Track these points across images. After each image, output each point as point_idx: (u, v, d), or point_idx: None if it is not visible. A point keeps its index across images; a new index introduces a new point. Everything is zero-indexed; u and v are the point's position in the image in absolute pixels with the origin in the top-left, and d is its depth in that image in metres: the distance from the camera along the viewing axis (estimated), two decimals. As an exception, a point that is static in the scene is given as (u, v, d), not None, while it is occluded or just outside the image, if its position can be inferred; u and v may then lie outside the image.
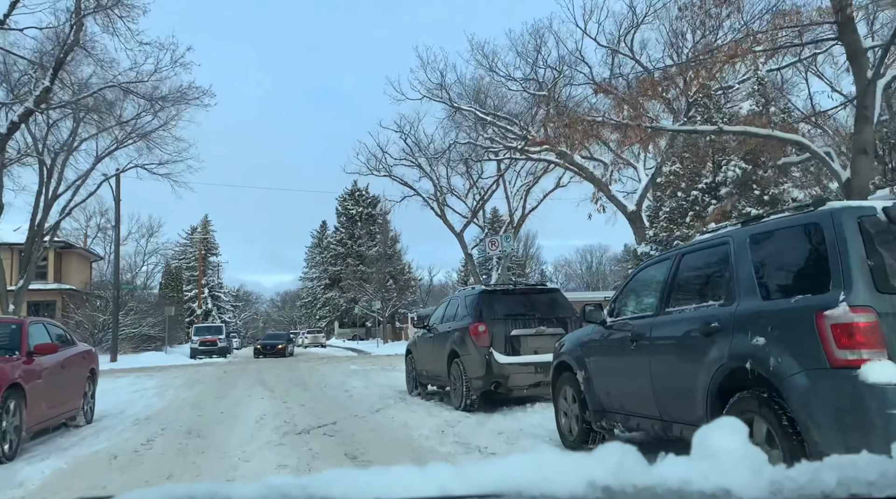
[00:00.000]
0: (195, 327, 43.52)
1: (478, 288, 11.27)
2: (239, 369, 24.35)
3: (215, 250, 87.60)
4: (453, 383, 10.72)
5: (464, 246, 37.19)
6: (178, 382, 19.22)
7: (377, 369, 21.56)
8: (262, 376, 20.42)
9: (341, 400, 12.82)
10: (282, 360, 29.02)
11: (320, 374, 20.44)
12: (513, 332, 9.99)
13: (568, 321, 10.21)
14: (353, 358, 30.21)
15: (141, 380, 20.08)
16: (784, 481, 0.83)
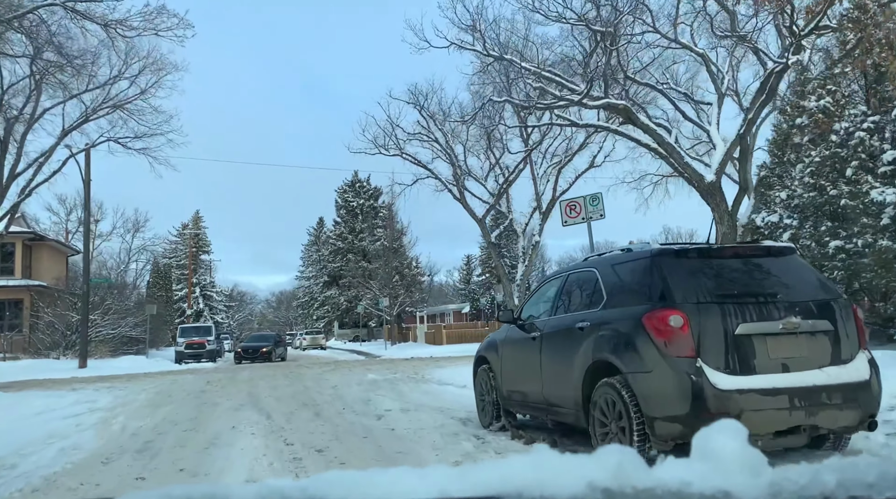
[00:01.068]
0: (180, 328, 38.47)
1: (647, 247, 6.21)
2: (227, 379, 19.41)
3: (207, 248, 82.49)
4: (600, 422, 5.81)
5: (486, 233, 32.27)
6: (141, 398, 14.29)
7: (403, 378, 16.67)
8: (254, 390, 15.49)
9: (381, 438, 7.94)
10: (279, 366, 24.00)
11: (330, 386, 15.53)
12: (739, 328, 5.10)
13: (835, 309, 5.31)
14: (364, 363, 25.27)
15: (97, 395, 15.16)
16: (783, 483, 0.82)
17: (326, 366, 23.20)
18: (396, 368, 20.51)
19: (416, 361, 24.42)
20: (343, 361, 26.74)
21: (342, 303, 58.69)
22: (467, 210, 31.73)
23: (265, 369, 22.41)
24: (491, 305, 45.82)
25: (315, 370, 21.23)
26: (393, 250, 43.42)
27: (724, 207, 19.88)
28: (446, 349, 33.07)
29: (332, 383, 16.17)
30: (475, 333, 37.51)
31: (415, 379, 16.53)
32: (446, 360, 24.09)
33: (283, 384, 16.57)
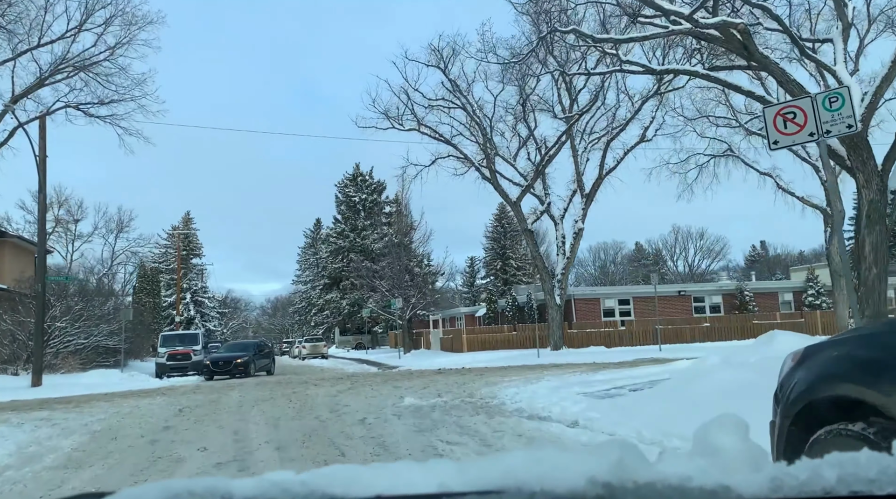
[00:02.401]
0: (161, 336, 33.00)
1: None
2: (208, 404, 14.15)
3: (198, 251, 77.02)
4: None
5: (521, 218, 27.14)
6: (67, 445, 9.06)
7: (458, 404, 11.43)
8: (243, 427, 10.26)
9: None
10: (278, 385, 18.63)
11: (357, 419, 10.33)
12: None
13: None
14: (383, 377, 19.99)
15: (11, 434, 9.97)
16: (784, 478, 0.81)
17: (339, 382, 17.93)
18: (433, 386, 15.28)
19: (449, 373, 19.22)
20: (356, 376, 21.48)
21: (344, 307, 53.33)
22: (499, 192, 26.60)
23: (260, 389, 17.10)
24: (512, 307, 40.58)
25: (325, 389, 15.96)
26: (403, 246, 38.14)
27: (871, 167, 14.83)
28: (471, 358, 27.85)
29: (357, 414, 10.94)
30: (502, 339, 32.29)
31: (477, 405, 11.31)
32: (488, 372, 18.88)
33: (286, 415, 11.33)
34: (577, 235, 26.81)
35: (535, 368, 19.45)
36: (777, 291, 36.85)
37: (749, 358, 10.59)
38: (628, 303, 35.61)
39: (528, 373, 17.76)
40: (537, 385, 13.78)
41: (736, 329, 30.79)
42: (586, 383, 13.23)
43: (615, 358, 23.28)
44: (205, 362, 25.82)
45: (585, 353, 26.12)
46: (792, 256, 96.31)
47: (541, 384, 13.89)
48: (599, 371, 16.69)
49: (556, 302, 26.33)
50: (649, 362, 19.49)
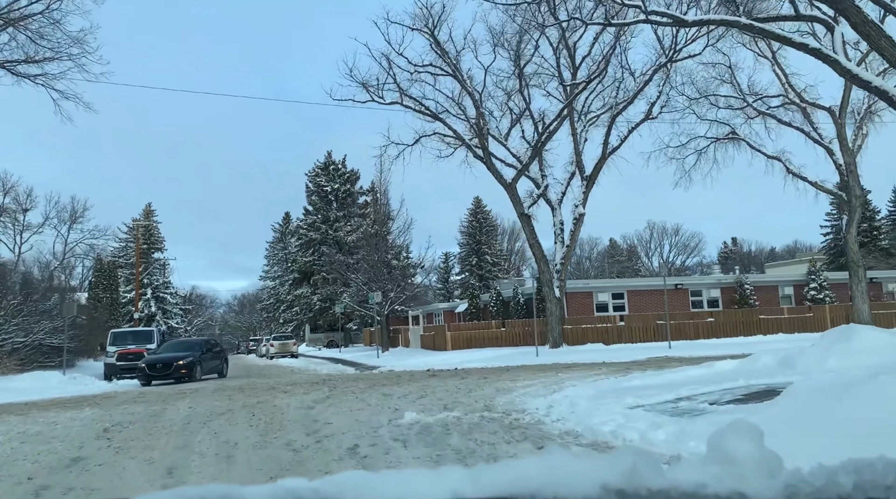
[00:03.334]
0: (111, 333, 29.41)
1: None
2: (147, 418, 10.96)
3: (160, 245, 72.73)
4: None
5: (517, 203, 24.18)
6: None
7: (479, 422, 8.42)
8: (183, 461, 7.14)
9: None
10: (238, 393, 15.28)
11: (346, 446, 7.31)
12: None
13: None
14: (364, 380, 16.82)
15: None
16: (800, 485, 0.80)
17: (314, 388, 14.76)
18: (432, 393, 12.24)
19: (443, 376, 16.19)
20: (333, 378, 18.31)
21: (315, 303, 49.91)
22: (492, 172, 23.63)
23: (217, 398, 13.84)
24: (497, 302, 37.70)
25: (298, 398, 12.81)
26: (380, 237, 34.95)
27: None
28: (459, 357, 24.88)
29: (344, 438, 7.89)
30: (490, 336, 29.36)
31: (505, 424, 8.34)
32: (490, 374, 15.92)
33: (247, 440, 8.23)
34: (578, 221, 23.97)
35: (543, 370, 16.55)
36: (777, 284, 34.56)
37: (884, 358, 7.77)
38: (622, 297, 32.96)
39: (538, 375, 14.84)
40: (566, 393, 10.87)
41: (740, 324, 28.31)
42: (631, 392, 10.34)
43: (623, 356, 20.54)
44: (140, 365, 21.63)
45: (586, 351, 23.34)
46: (765, 252, 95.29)
47: (570, 392, 10.98)
48: (627, 374, 13.84)
49: (554, 295, 23.48)
50: (675, 362, 16.74)
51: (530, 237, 23.77)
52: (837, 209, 62.47)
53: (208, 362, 23.03)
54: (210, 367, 23.21)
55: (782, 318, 28.77)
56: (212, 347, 24.56)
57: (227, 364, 25.14)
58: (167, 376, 20.79)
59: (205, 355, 22.74)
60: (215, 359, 24.00)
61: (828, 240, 66.91)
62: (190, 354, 21.71)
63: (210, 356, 23.45)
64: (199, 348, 22.99)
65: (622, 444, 6.62)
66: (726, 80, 28.95)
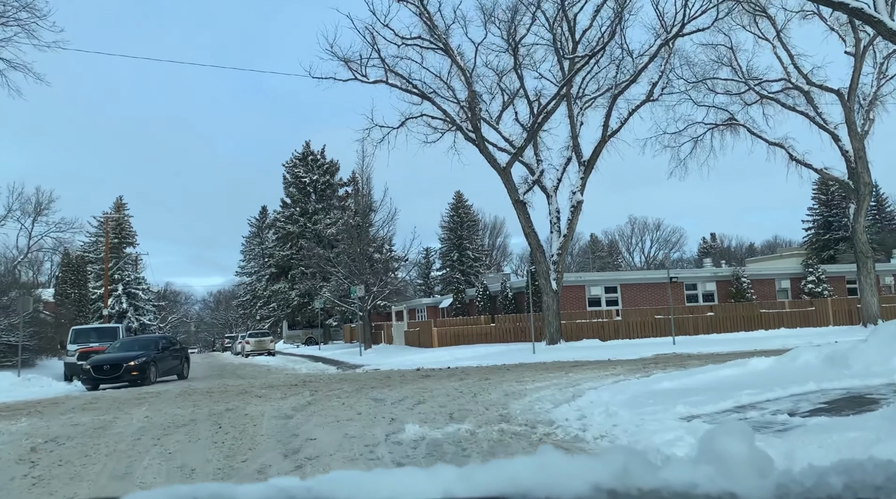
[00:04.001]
0: (73, 330, 27.17)
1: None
2: (90, 432, 9.09)
3: (132, 239, 69.96)
4: None
5: (511, 189, 22.42)
6: None
7: (507, 437, 6.65)
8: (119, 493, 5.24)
9: None
10: (202, 398, 13.31)
11: (334, 469, 5.47)
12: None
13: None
14: (350, 381, 14.95)
15: None
16: (790, 485, 0.80)
17: (292, 392, 12.89)
18: (431, 398, 10.46)
19: (438, 376, 14.41)
20: (313, 379, 16.43)
21: (293, 298, 47.82)
22: (485, 155, 21.89)
23: (180, 404, 11.89)
24: (483, 297, 35.99)
25: (274, 404, 10.96)
26: (362, 229, 32.99)
27: None
28: (449, 354, 23.15)
29: (333, 462, 6.11)
30: (479, 333, 27.65)
31: (533, 440, 6.59)
32: (489, 374, 14.17)
33: (208, 463, 6.39)
34: (576, 209, 22.29)
35: (548, 369, 14.84)
36: (774, 277, 33.27)
37: None
38: (615, 290, 31.45)
39: (546, 375, 13.13)
40: (591, 398, 9.16)
41: (741, 319, 26.91)
42: (670, 397, 8.65)
43: (627, 353, 18.95)
44: (84, 366, 18.91)
45: (584, 347, 21.73)
46: (744, 247, 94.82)
47: (595, 397, 9.26)
48: (650, 374, 12.17)
49: (551, 288, 21.78)
50: (694, 360, 15.14)
51: (525, 226, 22.02)
52: (842, 198, 61.73)
53: (165, 363, 20.49)
54: (167, 368, 20.65)
55: (783, 312, 27.42)
56: (169, 346, 21.83)
57: (187, 364, 22.58)
58: (116, 379, 18.28)
59: (160, 355, 20.22)
60: (173, 358, 21.41)
61: (809, 235, 66.14)
62: (143, 354, 19.09)
63: (167, 356, 20.89)
64: (153, 347, 20.34)
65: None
66: (726, 62, 27.51)
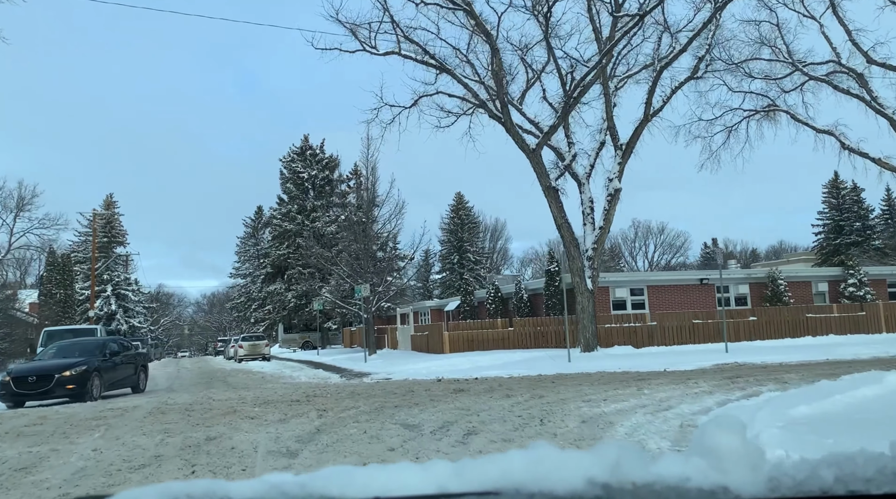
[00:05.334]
0: (45, 332, 24.00)
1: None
2: (9, 474, 6.14)
3: (122, 238, 66.79)
4: None
5: (542, 174, 19.54)
6: None
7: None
8: None
9: None
10: (188, 411, 10.49)
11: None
12: None
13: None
14: (371, 399, 12.04)
15: None
16: (782, 478, 0.80)
17: (293, 410, 9.98)
18: (483, 426, 7.60)
19: (470, 390, 11.54)
20: (317, 393, 13.51)
21: (289, 300, 44.82)
22: (512, 135, 19.07)
23: (145, 430, 8.92)
24: (494, 299, 33.14)
25: (271, 432, 8.07)
26: (365, 224, 30.05)
27: None
28: (468, 362, 20.32)
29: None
30: (495, 337, 24.78)
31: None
32: (536, 387, 11.29)
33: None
34: (614, 198, 19.44)
35: (608, 382, 11.97)
36: (810, 279, 30.53)
37: None
38: (642, 293, 28.66)
39: (616, 393, 10.27)
40: (718, 433, 6.30)
41: (785, 324, 24.13)
42: (833, 427, 5.84)
43: (678, 363, 16.15)
44: (3, 379, 14.45)
45: (624, 356, 18.91)
46: (748, 252, 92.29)
47: (720, 430, 6.41)
48: (760, 393, 9.33)
49: (587, 287, 18.94)
50: (792, 373, 12.30)
51: (558, 216, 19.13)
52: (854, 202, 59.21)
53: (114, 372, 16.05)
54: (117, 379, 16.23)
55: (831, 317, 24.66)
56: (120, 351, 17.06)
57: (145, 374, 18.26)
58: (45, 394, 14.17)
59: (107, 363, 15.80)
60: (126, 367, 16.87)
61: (819, 239, 63.57)
62: (82, 362, 14.69)
63: (118, 364, 16.44)
64: (98, 352, 15.83)
65: None
66: (769, 42, 24.78)
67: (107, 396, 15.47)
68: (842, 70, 24.40)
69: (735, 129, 26.14)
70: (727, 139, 26.12)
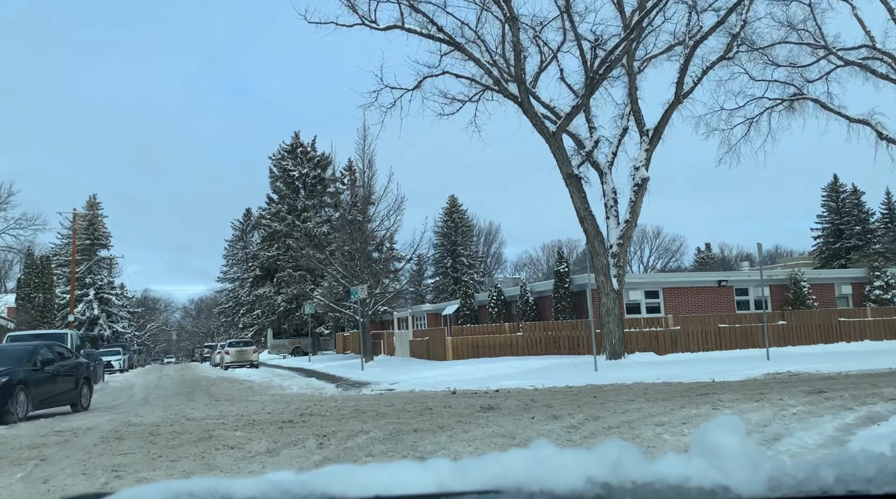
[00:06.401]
0: (8, 337, 21.71)
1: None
2: None
3: (105, 240, 64.11)
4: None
5: (563, 160, 17.39)
6: None
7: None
8: None
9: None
10: (154, 434, 8.30)
11: None
12: None
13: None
14: (381, 419, 9.87)
15: None
16: (782, 478, 0.80)
17: (284, 436, 7.82)
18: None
19: (507, 409, 9.42)
20: (312, 406, 11.34)
21: (279, 304, 42.51)
22: (530, 116, 17.03)
23: (81, 469, 6.76)
24: (497, 303, 31.04)
25: (254, 469, 5.92)
26: (361, 222, 27.85)
27: None
28: (478, 370, 18.21)
29: None
30: (503, 343, 22.65)
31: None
32: (583, 405, 9.18)
33: None
34: (641, 188, 17.38)
35: (667, 397, 9.88)
36: (832, 281, 28.67)
37: None
38: (657, 295, 26.69)
39: (685, 412, 8.21)
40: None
41: (817, 329, 22.17)
42: None
43: (722, 371, 14.14)
44: None
45: (654, 363, 16.85)
46: (741, 256, 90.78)
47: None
48: (876, 411, 7.28)
49: (612, 287, 16.87)
50: (886, 384, 10.25)
51: (581, 207, 17.03)
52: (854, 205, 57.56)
53: (47, 386, 12.84)
54: (51, 394, 13.00)
55: (866, 321, 22.72)
56: (56, 359, 13.62)
57: (89, 388, 14.91)
58: None
59: (38, 374, 12.65)
60: (64, 379, 13.59)
61: (818, 243, 61.90)
62: (3, 373, 11.60)
63: (54, 375, 13.18)
64: (26, 361, 12.62)
65: None
66: (798, 25, 22.89)
67: (32, 416, 12.27)
68: (876, 56, 22.57)
69: (756, 120, 24.24)
70: (748, 131, 24.22)
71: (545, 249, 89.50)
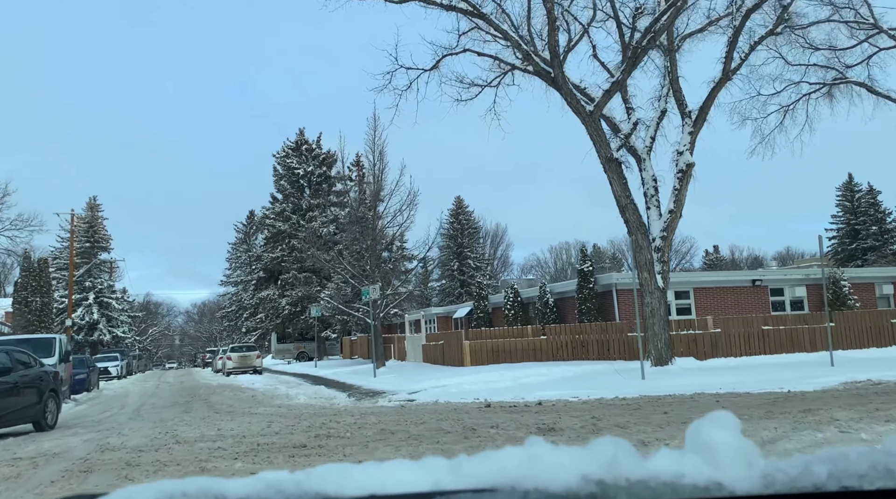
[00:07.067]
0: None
1: None
2: None
3: (106, 243, 62.28)
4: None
5: (601, 142, 15.53)
6: None
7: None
8: None
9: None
10: (128, 466, 6.66)
11: None
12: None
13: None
14: (414, 437, 8.14)
15: None
16: (776, 474, 0.80)
17: (298, 467, 6.17)
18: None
19: (568, 425, 7.67)
20: (326, 422, 9.59)
21: (283, 307, 40.71)
22: (564, 94, 15.29)
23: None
24: (513, 304, 29.25)
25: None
26: (372, 219, 26.07)
27: None
28: (500, 376, 16.48)
29: None
30: (526, 347, 20.86)
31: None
32: (680, 421, 7.39)
33: None
34: (685, 174, 15.56)
35: (771, 414, 8.10)
36: (872, 281, 26.85)
37: None
38: (687, 296, 24.88)
39: (800, 428, 6.45)
40: None
41: (867, 331, 20.37)
42: None
43: (794, 380, 12.38)
44: None
45: (702, 370, 15.06)
46: (751, 259, 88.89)
47: None
48: None
49: (657, 284, 15.08)
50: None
51: (622, 195, 15.21)
52: (870, 205, 55.67)
53: (7, 399, 10.93)
54: (4, 409, 10.82)
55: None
56: (13, 368, 11.50)
57: (56, 402, 12.71)
58: None
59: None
60: (25, 392, 11.53)
61: (833, 244, 59.89)
62: None
63: (12, 386, 11.15)
64: None
65: None
66: (840, 3, 21.11)
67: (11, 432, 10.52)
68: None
69: (793, 108, 22.44)
70: (782, 120, 22.41)
71: (553, 251, 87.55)
